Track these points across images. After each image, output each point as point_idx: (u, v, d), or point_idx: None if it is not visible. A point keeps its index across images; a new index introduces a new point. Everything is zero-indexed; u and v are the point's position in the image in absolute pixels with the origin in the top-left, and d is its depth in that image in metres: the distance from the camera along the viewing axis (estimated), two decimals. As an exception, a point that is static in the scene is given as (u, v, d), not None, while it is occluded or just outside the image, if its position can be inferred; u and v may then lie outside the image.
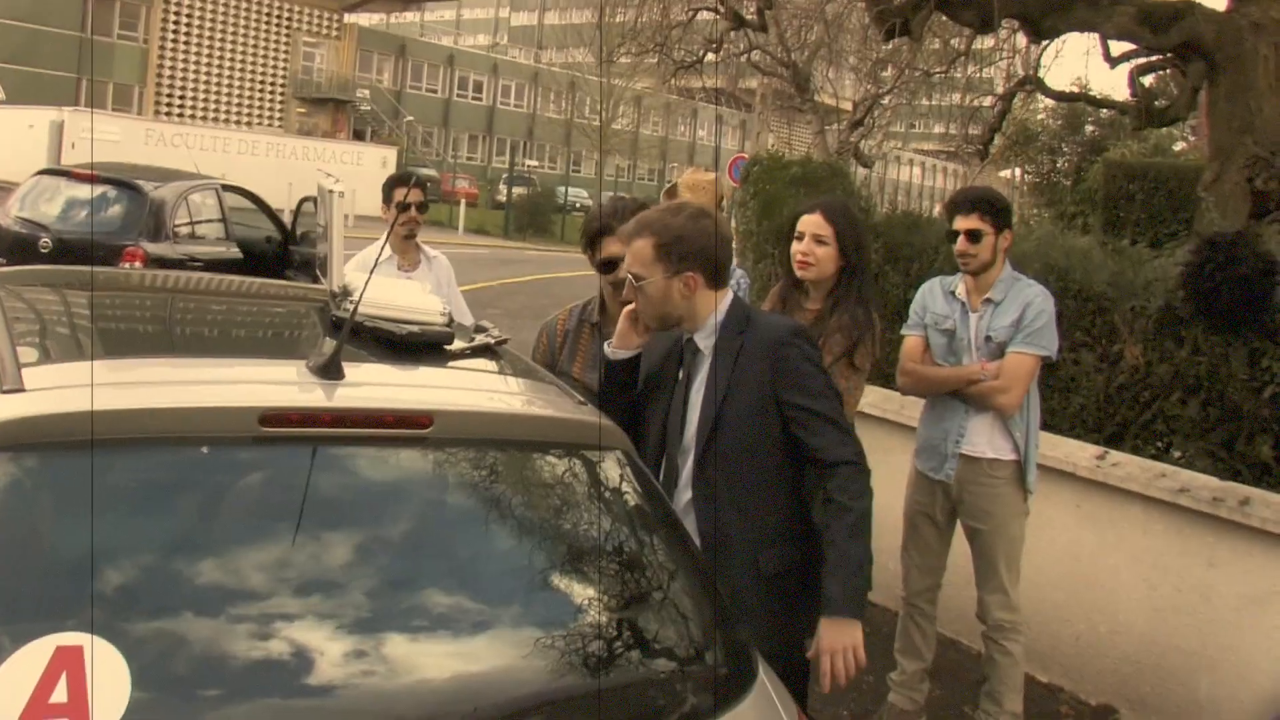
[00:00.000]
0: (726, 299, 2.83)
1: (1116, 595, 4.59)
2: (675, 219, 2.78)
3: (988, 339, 3.90)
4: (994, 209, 3.90)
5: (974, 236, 3.86)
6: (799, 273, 3.65)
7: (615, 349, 2.95)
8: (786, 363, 2.71)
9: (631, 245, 2.80)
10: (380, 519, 2.01)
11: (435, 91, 56.21)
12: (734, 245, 2.89)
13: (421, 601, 1.91)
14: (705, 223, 2.79)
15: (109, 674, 1.56)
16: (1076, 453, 4.73)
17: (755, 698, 2.06)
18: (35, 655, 1.54)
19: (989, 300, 3.92)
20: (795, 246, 3.66)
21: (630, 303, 2.91)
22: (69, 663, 1.54)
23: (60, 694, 1.51)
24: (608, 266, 3.28)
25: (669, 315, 2.80)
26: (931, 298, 4.10)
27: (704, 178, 4.21)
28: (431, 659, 1.84)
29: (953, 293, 4.03)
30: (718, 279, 2.79)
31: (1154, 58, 9.49)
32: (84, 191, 9.46)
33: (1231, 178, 6.98)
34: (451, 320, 2.55)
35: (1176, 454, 4.90)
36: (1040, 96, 18.46)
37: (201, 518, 1.88)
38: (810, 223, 3.62)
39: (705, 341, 2.81)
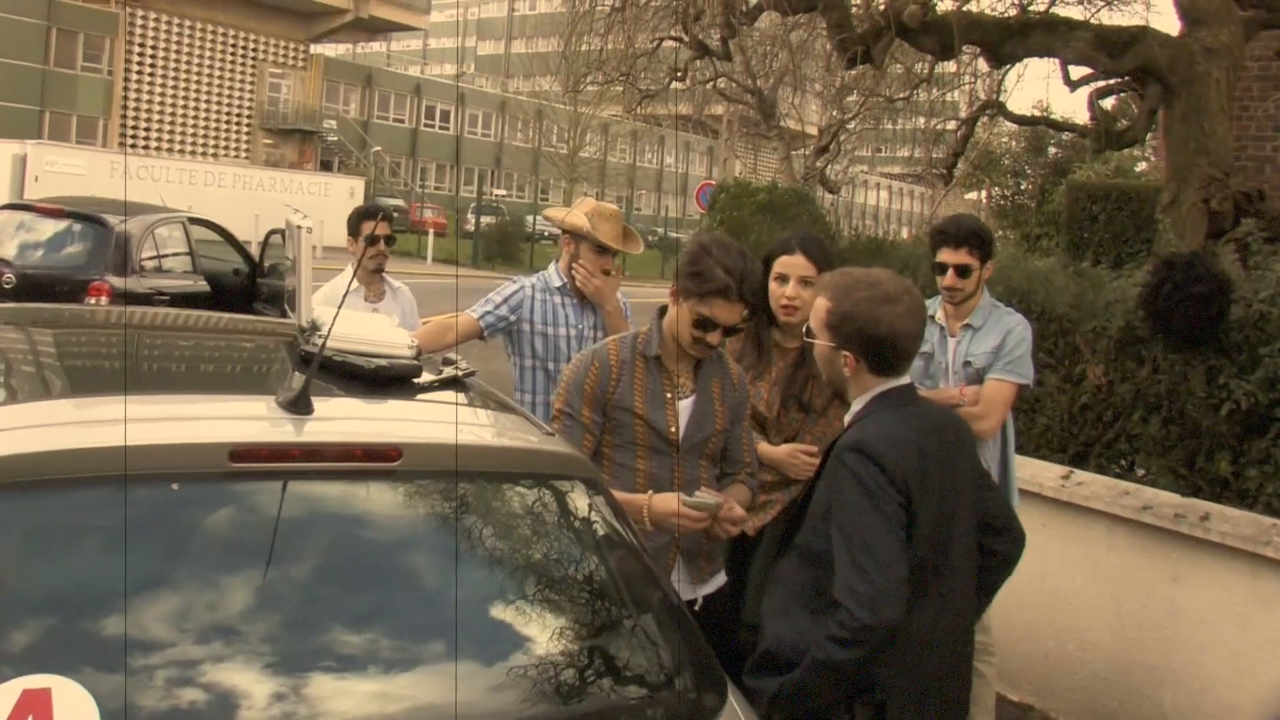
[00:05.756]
0: (878, 388, 2.64)
1: (1084, 613, 4.65)
2: (858, 292, 2.61)
3: (967, 364, 3.89)
4: (983, 242, 3.84)
5: (963, 272, 3.81)
6: (785, 318, 3.46)
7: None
8: (836, 478, 2.52)
9: (815, 299, 2.72)
10: (351, 552, 2.02)
11: (402, 121, 56.18)
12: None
13: (393, 633, 1.92)
14: (884, 310, 2.57)
15: (79, 717, 1.55)
16: (1042, 473, 4.78)
17: (725, 722, 2.08)
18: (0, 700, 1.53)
19: (969, 326, 3.91)
20: (779, 290, 3.46)
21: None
22: (36, 706, 1.53)
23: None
24: (707, 325, 2.96)
25: (835, 382, 2.74)
26: None
27: (609, 207, 4.12)
28: (403, 690, 1.85)
29: (932, 317, 4.04)
30: (879, 368, 2.63)
31: (1112, 81, 9.66)
32: (48, 226, 9.40)
33: (1188, 198, 7.09)
34: (420, 353, 2.57)
35: (1140, 472, 4.97)
36: (1004, 120, 18.72)
37: (173, 555, 1.89)
38: (794, 265, 3.45)
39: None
